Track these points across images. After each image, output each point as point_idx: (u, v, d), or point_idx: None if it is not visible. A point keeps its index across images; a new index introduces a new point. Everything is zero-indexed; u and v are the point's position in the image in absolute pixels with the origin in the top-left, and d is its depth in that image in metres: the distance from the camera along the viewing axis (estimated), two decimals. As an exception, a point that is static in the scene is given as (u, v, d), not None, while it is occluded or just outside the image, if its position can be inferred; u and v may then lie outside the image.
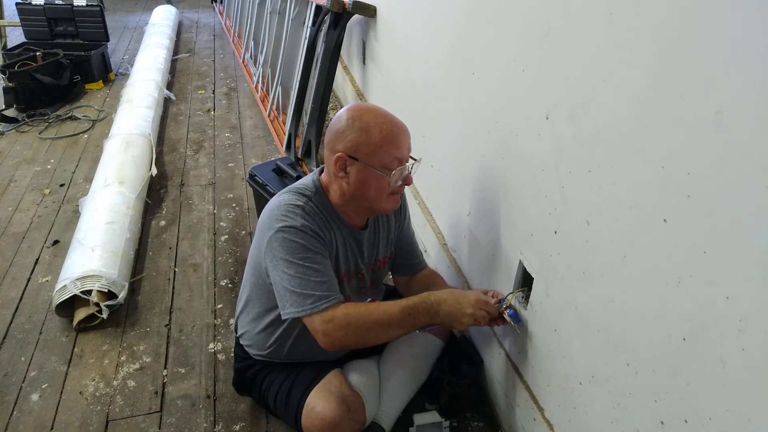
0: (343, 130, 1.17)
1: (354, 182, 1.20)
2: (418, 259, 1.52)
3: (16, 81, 3.29)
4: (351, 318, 1.14)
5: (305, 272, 1.15)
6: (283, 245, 1.16)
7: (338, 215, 1.27)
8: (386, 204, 1.24)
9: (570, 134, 1.00)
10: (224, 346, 1.76)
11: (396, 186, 1.22)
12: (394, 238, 1.45)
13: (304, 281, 1.15)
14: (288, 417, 1.31)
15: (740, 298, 0.68)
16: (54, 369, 1.67)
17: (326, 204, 1.25)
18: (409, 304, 1.17)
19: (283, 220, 1.17)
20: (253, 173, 2.17)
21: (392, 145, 1.16)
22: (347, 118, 1.17)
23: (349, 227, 1.30)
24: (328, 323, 1.14)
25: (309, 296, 1.14)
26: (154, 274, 2.07)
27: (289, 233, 1.16)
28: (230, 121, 3.36)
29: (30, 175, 2.74)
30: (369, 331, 1.16)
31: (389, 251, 1.44)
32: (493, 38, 1.28)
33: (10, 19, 4.39)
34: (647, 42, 0.78)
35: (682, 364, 0.79)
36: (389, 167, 1.18)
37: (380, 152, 1.16)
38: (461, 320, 1.18)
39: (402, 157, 1.19)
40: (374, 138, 1.15)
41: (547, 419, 1.23)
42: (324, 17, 2.51)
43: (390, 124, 1.17)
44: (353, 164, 1.18)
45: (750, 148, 0.64)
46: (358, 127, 1.16)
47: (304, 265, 1.16)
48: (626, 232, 0.88)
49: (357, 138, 1.16)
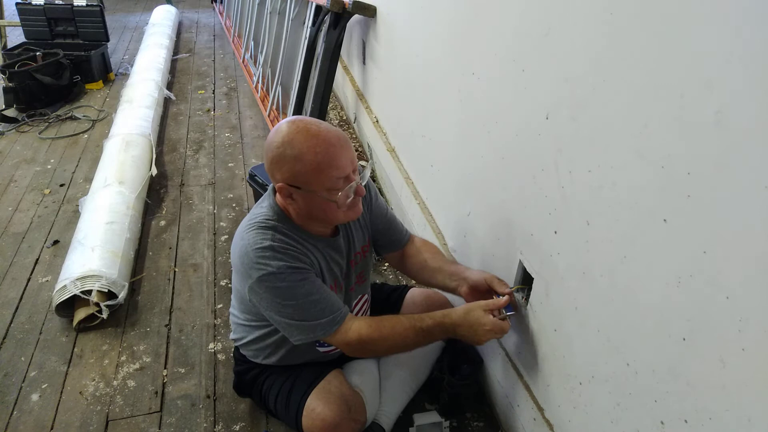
0: (278, 159, 1.10)
1: (303, 207, 1.16)
2: (401, 232, 1.45)
3: (16, 81, 3.29)
4: (365, 343, 1.18)
5: (304, 307, 1.14)
6: (270, 293, 1.13)
7: (308, 234, 1.22)
8: (346, 217, 1.19)
9: (570, 134, 1.00)
10: (224, 346, 1.76)
11: (348, 202, 1.16)
12: (368, 223, 1.39)
13: (307, 314, 1.15)
14: (289, 418, 1.31)
15: (740, 298, 0.68)
16: (54, 369, 1.67)
17: (292, 227, 1.20)
18: (423, 327, 1.19)
19: (259, 269, 1.12)
20: (253, 173, 2.17)
21: (331, 167, 1.09)
22: (278, 145, 1.10)
23: (324, 240, 1.25)
24: (344, 345, 1.19)
25: (316, 326, 1.16)
26: (154, 274, 2.07)
27: (271, 281, 1.12)
28: (230, 121, 3.36)
29: (30, 175, 2.74)
30: (383, 349, 1.23)
31: (366, 239, 1.39)
32: (493, 38, 1.28)
33: (10, 19, 4.39)
34: (647, 42, 0.78)
35: (682, 364, 0.79)
36: (334, 188, 1.11)
37: (320, 177, 1.09)
38: (479, 342, 1.19)
39: (345, 174, 1.11)
40: (309, 165, 1.08)
41: (547, 419, 1.23)
42: (324, 17, 2.51)
43: (324, 144, 1.08)
44: (297, 192, 1.13)
45: (750, 148, 0.64)
46: (291, 155, 1.08)
47: (299, 303, 1.14)
48: (626, 232, 0.88)
49: (292, 167, 1.09)
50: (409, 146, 2.11)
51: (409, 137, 2.07)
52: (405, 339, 1.18)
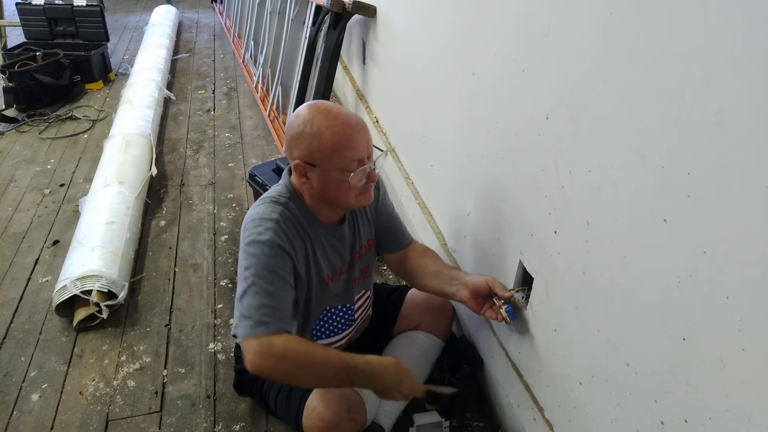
0: (297, 136, 1.13)
1: (317, 187, 1.17)
2: (403, 232, 1.45)
3: (16, 81, 3.29)
4: (289, 351, 1.07)
5: (257, 291, 1.10)
6: (246, 259, 1.12)
7: (315, 217, 1.23)
8: (357, 202, 1.20)
9: (570, 134, 1.00)
10: (224, 346, 1.76)
11: (360, 185, 1.18)
12: (374, 218, 1.40)
13: (254, 301, 1.09)
14: (289, 417, 1.31)
15: (740, 298, 0.68)
16: (54, 369, 1.67)
17: (302, 207, 1.22)
18: (350, 362, 1.11)
19: (251, 234, 1.14)
20: (253, 173, 2.17)
21: (346, 147, 1.12)
22: (299, 123, 1.13)
23: (327, 227, 1.26)
24: (264, 347, 1.06)
25: (248, 318, 1.08)
26: (154, 274, 2.07)
27: (254, 247, 1.12)
28: (230, 121, 3.36)
29: (30, 175, 2.74)
30: (302, 370, 1.09)
31: (372, 233, 1.40)
32: (493, 38, 1.28)
33: (10, 19, 4.39)
34: (647, 42, 0.78)
35: (682, 364, 0.79)
36: (348, 169, 1.13)
37: (335, 156, 1.12)
38: (391, 395, 1.14)
39: (359, 157, 1.14)
40: (326, 143, 1.11)
41: (547, 419, 1.23)
42: (324, 17, 2.51)
43: (342, 125, 1.11)
44: (312, 170, 1.15)
45: (750, 148, 0.64)
46: (310, 133, 1.11)
47: (258, 284, 1.10)
48: (626, 232, 0.88)
49: (310, 144, 1.12)
50: (409, 146, 2.11)
51: (409, 137, 2.07)
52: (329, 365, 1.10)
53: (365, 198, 1.21)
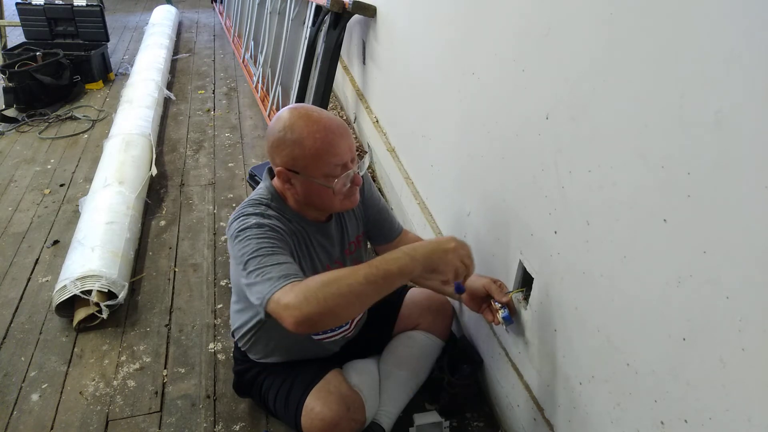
0: (278, 143, 1.12)
1: (301, 192, 1.16)
2: (393, 224, 1.43)
3: (16, 81, 3.29)
4: (323, 284, 0.95)
5: (262, 260, 1.03)
6: (240, 250, 1.06)
7: (299, 216, 1.22)
8: (342, 206, 1.19)
9: (570, 134, 1.00)
10: (224, 346, 1.76)
11: (344, 190, 1.16)
12: (362, 213, 1.38)
13: (264, 264, 1.02)
14: (288, 418, 1.31)
15: (740, 298, 0.68)
16: (54, 369, 1.67)
17: (285, 208, 1.20)
18: (374, 261, 1.00)
19: (236, 229, 1.09)
20: (253, 173, 2.17)
21: (329, 153, 1.10)
22: (279, 128, 1.11)
23: (314, 225, 1.25)
24: (298, 293, 0.95)
25: (267, 279, 0.99)
26: (154, 274, 2.07)
27: (243, 234, 1.07)
28: (230, 121, 3.36)
29: (30, 175, 2.74)
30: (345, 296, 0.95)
31: (360, 229, 1.39)
32: (493, 38, 1.28)
33: (10, 19, 4.39)
34: (647, 42, 0.78)
35: (682, 364, 0.79)
36: (332, 175, 1.12)
37: (318, 163, 1.10)
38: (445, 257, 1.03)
39: (343, 162, 1.12)
40: (308, 150, 1.09)
41: (547, 419, 1.23)
42: (324, 17, 2.51)
43: (324, 130, 1.09)
44: (295, 177, 1.14)
45: (750, 148, 0.64)
46: (291, 139, 1.10)
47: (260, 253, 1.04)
48: (626, 232, 0.88)
49: (291, 151, 1.11)
50: (409, 146, 2.11)
51: (409, 137, 2.07)
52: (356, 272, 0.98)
53: (350, 201, 1.20)
